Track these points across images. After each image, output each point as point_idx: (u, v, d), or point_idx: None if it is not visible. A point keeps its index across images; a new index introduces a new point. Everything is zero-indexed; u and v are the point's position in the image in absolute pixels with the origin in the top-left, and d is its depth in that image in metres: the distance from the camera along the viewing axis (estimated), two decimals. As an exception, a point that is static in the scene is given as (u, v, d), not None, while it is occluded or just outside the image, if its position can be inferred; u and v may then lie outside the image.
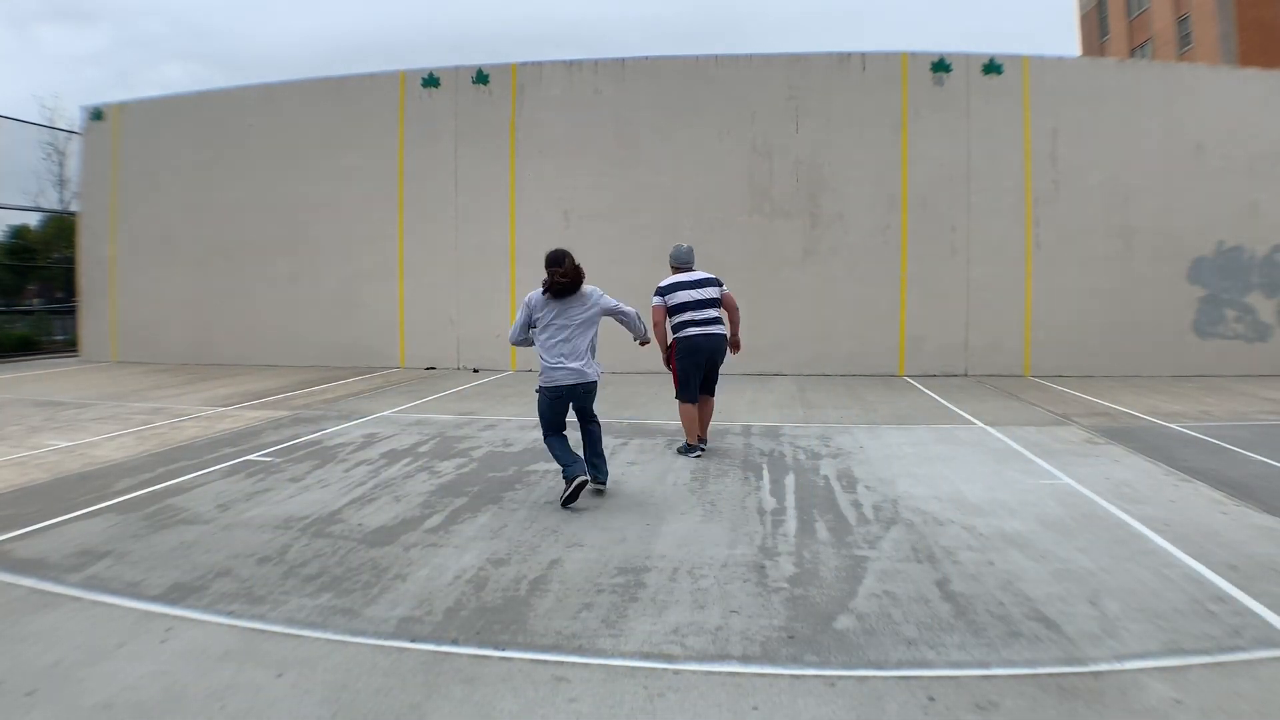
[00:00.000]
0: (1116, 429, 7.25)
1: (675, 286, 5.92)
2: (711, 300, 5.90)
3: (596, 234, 12.50)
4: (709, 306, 5.89)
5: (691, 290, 5.89)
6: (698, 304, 5.86)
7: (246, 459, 5.91)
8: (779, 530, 4.19)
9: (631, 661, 2.70)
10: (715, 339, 5.91)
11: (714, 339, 5.90)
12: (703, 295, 5.88)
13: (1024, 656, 2.72)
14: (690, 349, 5.86)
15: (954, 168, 12.05)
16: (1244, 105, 11.97)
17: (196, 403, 8.90)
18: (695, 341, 5.85)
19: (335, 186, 13.37)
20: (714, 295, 5.92)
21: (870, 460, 5.94)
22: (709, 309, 5.89)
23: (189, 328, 13.97)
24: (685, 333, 5.86)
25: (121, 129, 14.48)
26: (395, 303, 13.22)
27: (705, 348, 5.87)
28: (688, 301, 5.86)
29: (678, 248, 6.13)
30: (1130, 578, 3.46)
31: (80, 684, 2.53)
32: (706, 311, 5.88)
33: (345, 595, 3.29)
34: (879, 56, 12.26)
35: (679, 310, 5.87)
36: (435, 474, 5.47)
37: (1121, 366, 11.77)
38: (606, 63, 12.75)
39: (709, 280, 5.97)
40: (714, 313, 5.91)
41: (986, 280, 12.04)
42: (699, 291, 5.88)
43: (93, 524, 4.27)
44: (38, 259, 18.18)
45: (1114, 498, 4.80)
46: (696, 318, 5.86)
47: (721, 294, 5.98)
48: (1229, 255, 11.96)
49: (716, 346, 5.93)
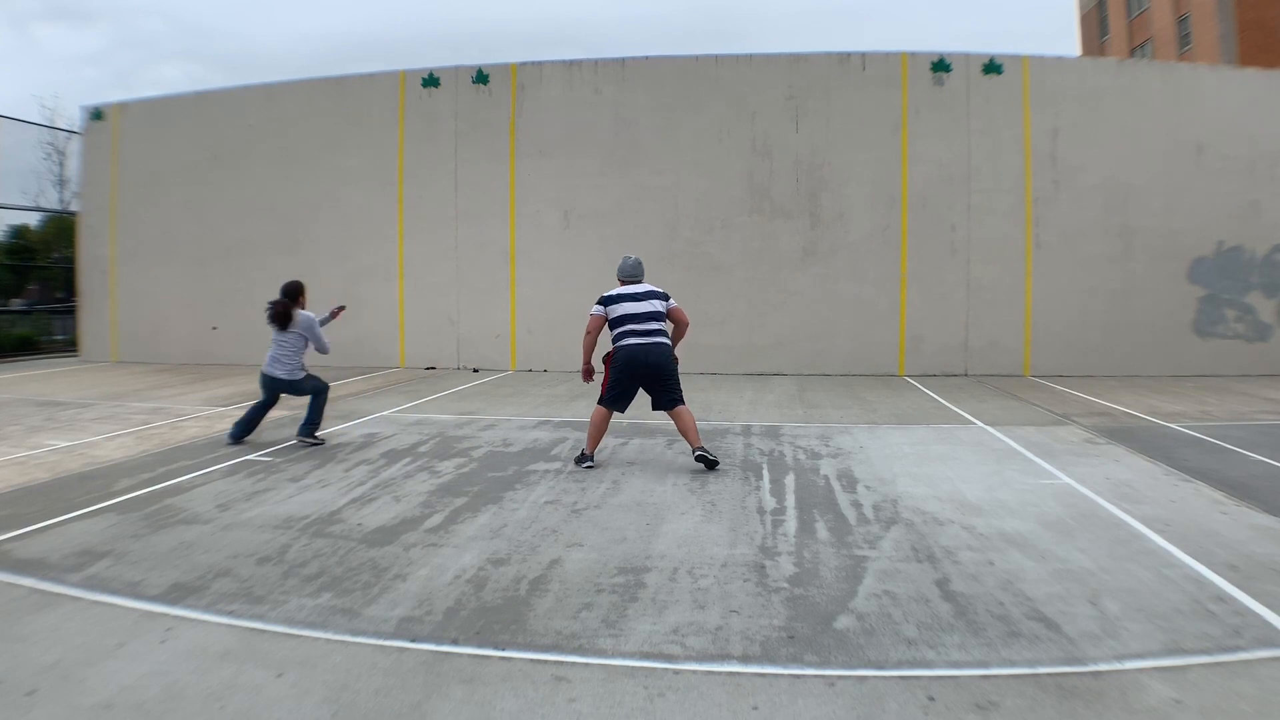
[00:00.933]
0: (1116, 429, 7.25)
1: (619, 298, 5.83)
2: (654, 313, 5.77)
3: (596, 234, 12.51)
4: (651, 319, 5.75)
5: (634, 303, 5.78)
6: (639, 316, 5.74)
7: (246, 459, 5.91)
8: (779, 530, 4.19)
9: (631, 661, 2.70)
10: (654, 348, 5.72)
11: (653, 348, 5.71)
12: (646, 308, 5.76)
13: (1024, 656, 2.72)
14: (627, 358, 5.71)
15: (954, 168, 12.05)
16: (1244, 105, 11.98)
17: (196, 403, 8.90)
18: (632, 350, 5.70)
19: (335, 186, 13.38)
20: (658, 309, 5.79)
21: (870, 460, 5.94)
22: (651, 321, 5.75)
23: (189, 328, 13.97)
24: (624, 342, 5.74)
25: (121, 129, 14.48)
26: (395, 303, 13.22)
27: (641, 358, 5.69)
28: (631, 314, 5.75)
29: (625, 260, 6.02)
30: (1130, 578, 3.46)
31: (80, 684, 2.53)
32: (648, 324, 5.74)
33: (345, 595, 3.29)
34: (879, 56, 12.27)
35: (620, 322, 5.76)
36: (435, 474, 5.47)
37: (1121, 366, 11.77)
38: (606, 63, 12.75)
39: (654, 293, 5.85)
40: (656, 325, 5.77)
41: (986, 280, 12.05)
42: (642, 304, 5.77)
43: (93, 524, 4.27)
44: (38, 259, 18.18)
45: (1114, 497, 4.80)
46: (637, 329, 5.73)
47: (668, 307, 5.85)
48: (1229, 255, 11.96)
49: (657, 357, 5.71)
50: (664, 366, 5.74)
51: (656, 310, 5.80)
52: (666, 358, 5.78)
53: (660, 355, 5.73)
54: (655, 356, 5.71)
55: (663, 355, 5.75)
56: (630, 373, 5.72)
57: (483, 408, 8.64)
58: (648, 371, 5.71)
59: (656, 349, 5.73)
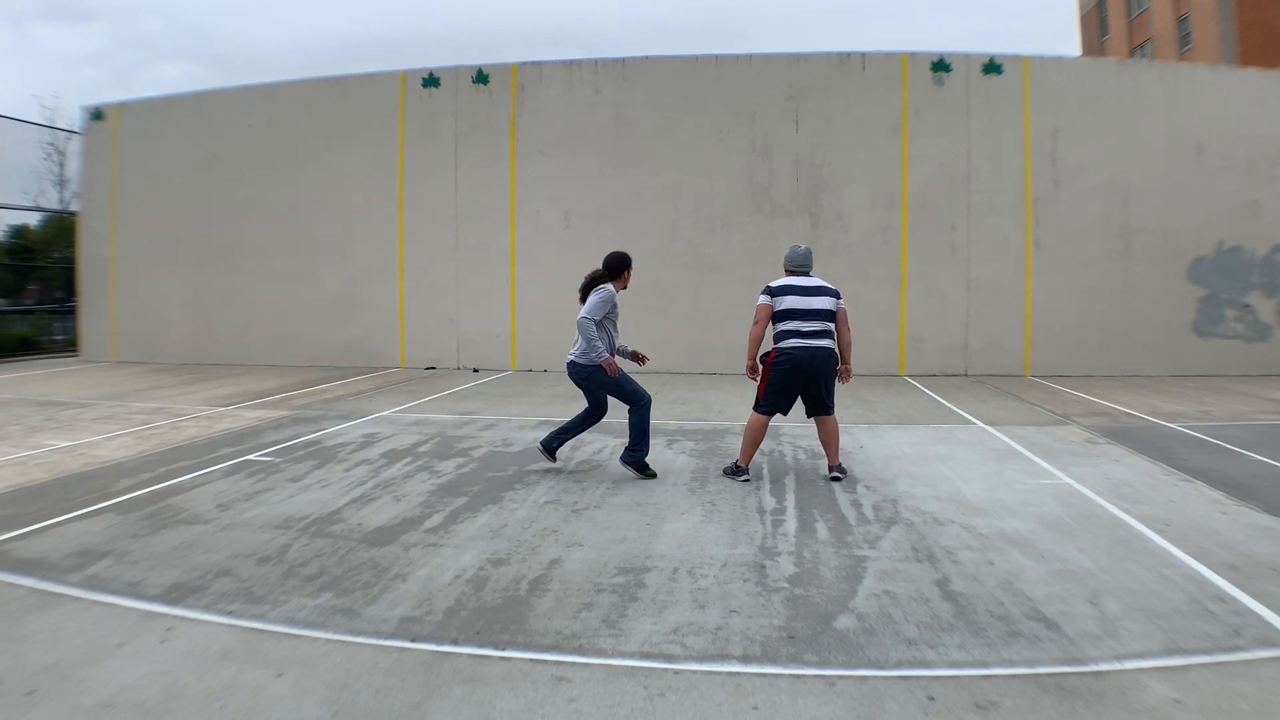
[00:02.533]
0: (1116, 429, 7.25)
1: (785, 290, 5.29)
2: (822, 311, 5.23)
3: (596, 234, 12.49)
4: (817, 318, 5.21)
5: (802, 297, 5.24)
6: (805, 313, 5.21)
7: (246, 459, 5.91)
8: (779, 530, 4.19)
9: (631, 661, 2.70)
10: (818, 353, 5.20)
11: (816, 353, 5.19)
12: (813, 304, 5.22)
13: (1024, 656, 2.72)
14: (790, 362, 5.19)
15: (954, 168, 12.05)
16: (1244, 105, 11.97)
17: (196, 402, 8.90)
18: (795, 355, 5.17)
19: (335, 186, 13.38)
20: (827, 306, 5.26)
21: (870, 460, 5.94)
22: (816, 320, 5.21)
23: (189, 328, 13.97)
24: (786, 343, 5.21)
25: (121, 129, 14.47)
26: (395, 303, 13.22)
27: (805, 364, 5.17)
28: (796, 309, 5.22)
29: (794, 249, 5.49)
30: (1130, 577, 3.46)
31: (80, 684, 2.53)
32: (813, 323, 5.20)
33: (345, 595, 3.29)
34: (879, 56, 12.27)
35: (784, 317, 5.24)
36: (435, 474, 5.47)
37: (1121, 366, 11.77)
38: (606, 63, 12.75)
39: (825, 289, 5.31)
40: (820, 325, 5.22)
41: (986, 280, 12.05)
42: (810, 300, 5.23)
43: (93, 524, 4.27)
44: (38, 259, 18.18)
45: (1114, 497, 4.80)
46: (802, 328, 5.19)
47: (837, 307, 5.34)
48: (1229, 255, 11.96)
49: (819, 363, 5.21)
50: (822, 375, 5.25)
51: (825, 309, 5.27)
52: (827, 367, 5.27)
53: (821, 363, 5.22)
54: (816, 363, 5.20)
55: (823, 362, 5.24)
56: (791, 379, 5.23)
57: (483, 408, 8.64)
58: (807, 378, 5.23)
59: (819, 354, 5.21)
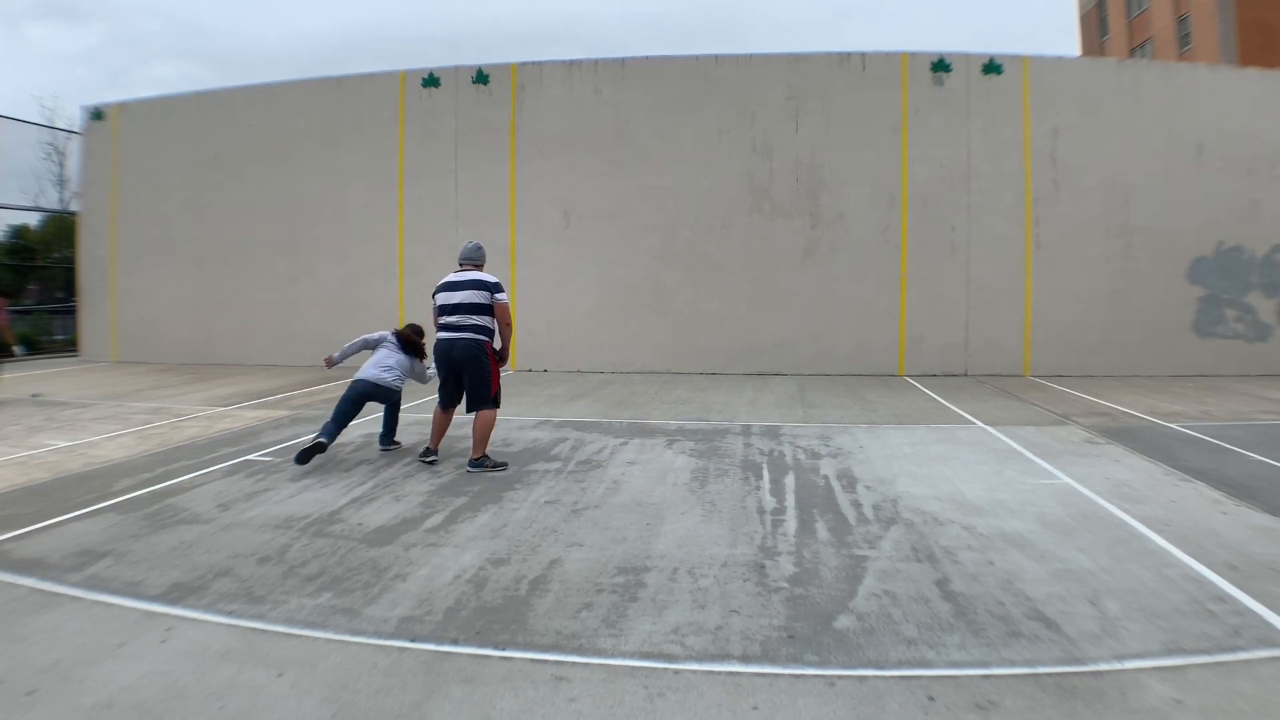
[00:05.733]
0: (1116, 429, 7.25)
1: (439, 287, 5.65)
2: (463, 305, 5.49)
3: (596, 234, 12.52)
4: (459, 312, 5.49)
5: (448, 292, 5.57)
6: (448, 308, 5.54)
7: (246, 459, 5.91)
8: (779, 530, 4.19)
9: (631, 661, 2.70)
10: (455, 344, 5.47)
11: (454, 345, 5.48)
12: (456, 299, 5.52)
13: (1024, 656, 2.72)
14: (436, 354, 5.59)
15: (954, 168, 12.05)
16: (1244, 105, 11.98)
17: (196, 403, 8.90)
18: (437, 347, 5.56)
19: (335, 186, 13.39)
20: (469, 300, 5.49)
21: (870, 460, 5.94)
22: (457, 314, 5.49)
23: (189, 328, 13.98)
24: (436, 335, 5.57)
25: (121, 129, 14.48)
26: (395, 303, 13.22)
27: (443, 353, 5.51)
28: (444, 304, 5.57)
29: (465, 244, 5.84)
30: (1130, 578, 3.46)
31: (80, 684, 2.53)
32: (453, 317, 5.50)
33: (345, 595, 3.29)
34: (879, 56, 12.27)
35: (437, 312, 5.60)
36: (435, 474, 5.47)
37: (1121, 366, 11.78)
38: (606, 63, 12.75)
39: (474, 282, 5.54)
40: (460, 318, 5.48)
41: (986, 280, 12.05)
42: (454, 294, 5.53)
43: (93, 524, 4.27)
44: (38, 259, 18.18)
45: (1114, 497, 4.80)
46: (446, 321, 5.54)
47: (491, 300, 5.54)
48: (1229, 255, 11.97)
49: (457, 352, 5.47)
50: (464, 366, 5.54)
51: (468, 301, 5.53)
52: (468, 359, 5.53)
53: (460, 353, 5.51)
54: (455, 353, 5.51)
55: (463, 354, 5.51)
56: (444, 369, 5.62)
57: (483, 408, 8.62)
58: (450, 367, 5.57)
59: (457, 346, 5.51)
